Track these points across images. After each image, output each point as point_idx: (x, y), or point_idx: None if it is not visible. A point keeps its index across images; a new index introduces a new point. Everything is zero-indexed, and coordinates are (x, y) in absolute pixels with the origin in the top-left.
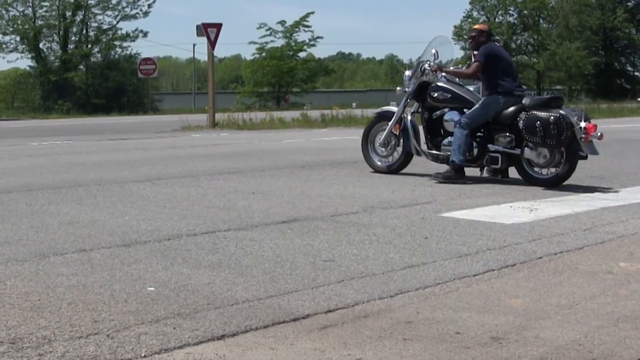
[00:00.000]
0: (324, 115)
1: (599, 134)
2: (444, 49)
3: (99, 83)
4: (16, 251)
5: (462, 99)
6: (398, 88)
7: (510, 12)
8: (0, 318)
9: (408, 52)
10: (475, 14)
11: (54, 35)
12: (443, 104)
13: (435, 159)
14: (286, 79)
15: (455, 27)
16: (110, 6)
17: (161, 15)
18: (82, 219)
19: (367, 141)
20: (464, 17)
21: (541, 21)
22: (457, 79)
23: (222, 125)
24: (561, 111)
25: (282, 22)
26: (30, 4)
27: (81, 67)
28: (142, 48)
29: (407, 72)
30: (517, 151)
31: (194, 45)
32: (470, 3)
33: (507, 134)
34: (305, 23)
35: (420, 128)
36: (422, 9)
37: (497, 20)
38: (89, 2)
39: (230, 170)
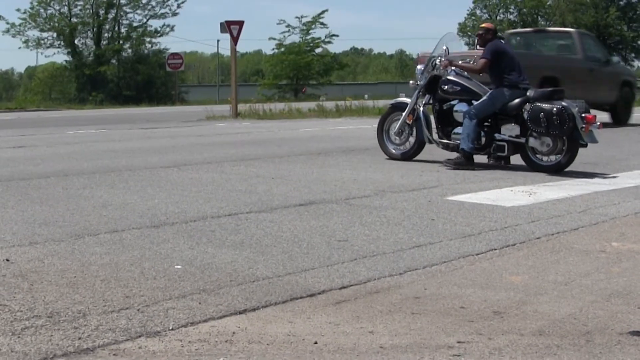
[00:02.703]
0: (338, 106)
1: (598, 123)
2: (453, 45)
3: (130, 76)
4: (53, 232)
5: (470, 92)
6: (411, 81)
7: (511, 10)
8: (39, 293)
9: (416, 47)
10: (478, 12)
11: (88, 32)
12: (453, 96)
13: (446, 147)
14: (303, 73)
15: (459, 24)
16: (140, 5)
17: (188, 13)
18: (114, 202)
19: (382, 130)
20: (467, 14)
21: (539, 19)
22: (465, 73)
23: (244, 115)
24: (563, 103)
25: (299, 18)
26: (66, 3)
27: (113, 61)
28: (170, 44)
29: (419, 67)
30: (522, 140)
31: (218, 41)
32: (473, 2)
33: (513, 124)
34: (321, 20)
35: (432, 118)
36: (429, 7)
37: (498, 18)
38: (121, 1)
39: (252, 157)
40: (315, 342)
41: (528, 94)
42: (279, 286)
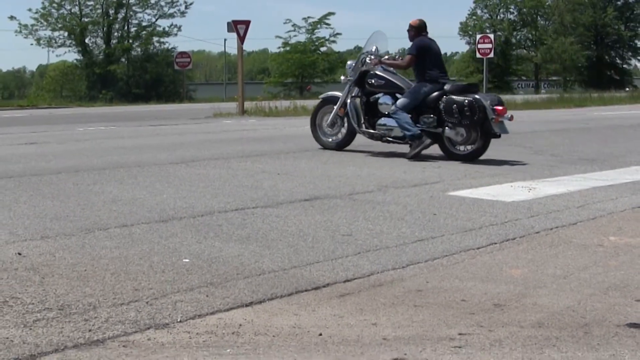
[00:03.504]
0: None
1: (510, 115)
2: (381, 44)
3: (139, 74)
4: (64, 226)
5: (394, 85)
6: (342, 77)
7: (511, 10)
8: (50, 286)
9: None
10: (479, 11)
11: (99, 31)
12: (378, 90)
13: (371, 136)
14: (308, 71)
15: (461, 23)
16: (149, 5)
17: (195, 12)
18: (124, 197)
19: (314, 122)
20: (469, 14)
21: (539, 18)
22: (391, 68)
23: (251, 112)
24: (476, 96)
25: (306, 19)
26: (77, 3)
27: (123, 60)
28: (178, 42)
29: (350, 62)
30: (439, 130)
31: (225, 40)
32: (474, 2)
33: (431, 115)
34: (326, 21)
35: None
36: (430, 7)
37: (499, 17)
38: (130, 1)
39: (258, 153)
40: (320, 334)
41: (445, 88)
42: (285, 279)
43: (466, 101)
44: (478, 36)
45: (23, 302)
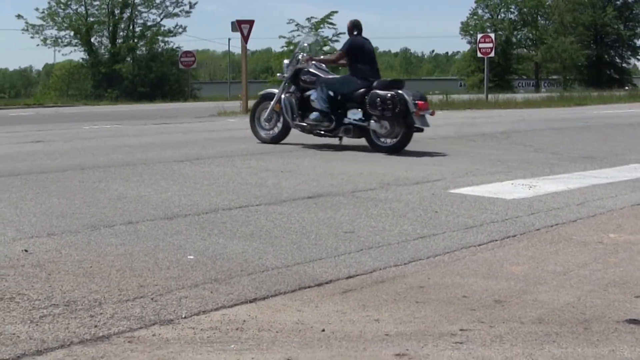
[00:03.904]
0: None
1: (431, 111)
2: (313, 43)
3: (144, 73)
4: (70, 223)
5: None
6: (278, 74)
7: (512, 9)
8: (56, 283)
9: (420, 45)
10: (480, 11)
11: (104, 30)
12: (311, 86)
13: (303, 129)
14: None
15: (462, 23)
16: (154, 4)
17: (200, 12)
18: (129, 195)
19: (254, 118)
20: (470, 14)
21: (539, 18)
22: (324, 65)
23: None
24: (399, 91)
25: (309, 19)
26: (83, 3)
27: (128, 59)
28: (182, 42)
29: (286, 61)
30: (366, 124)
31: (229, 39)
32: (475, 2)
33: (358, 109)
34: (330, 21)
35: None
36: (432, 7)
37: (499, 17)
38: (136, 0)
39: (261, 151)
40: (323, 330)
41: (374, 84)
42: (288, 276)
43: (389, 95)
44: (479, 36)
45: (29, 299)
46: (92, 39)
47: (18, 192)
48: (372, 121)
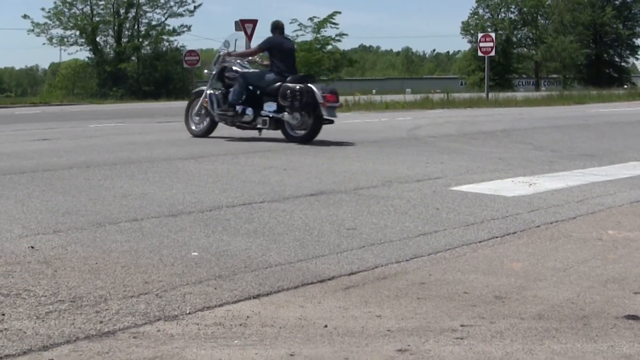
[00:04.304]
0: (347, 100)
1: (339, 102)
2: (239, 42)
3: (148, 72)
4: (76, 220)
5: None
6: (205, 71)
7: (512, 9)
8: (62, 279)
9: (421, 44)
10: (480, 11)
11: (109, 30)
12: (234, 82)
13: (225, 122)
14: (314, 69)
15: (462, 22)
16: (159, 4)
17: (204, 12)
18: (134, 192)
19: (188, 113)
20: (470, 14)
21: (539, 17)
22: (246, 63)
23: None
24: (308, 84)
25: (312, 18)
26: (89, 3)
27: (133, 58)
28: (186, 41)
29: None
30: (280, 115)
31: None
32: (476, 1)
33: (272, 102)
34: (332, 21)
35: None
36: (433, 7)
37: (500, 16)
38: (140, 0)
39: (265, 149)
40: (325, 326)
41: (287, 79)
42: (291, 272)
43: (297, 87)
44: (480, 35)
45: (36, 295)
46: (98, 38)
47: (24, 190)
48: (285, 113)
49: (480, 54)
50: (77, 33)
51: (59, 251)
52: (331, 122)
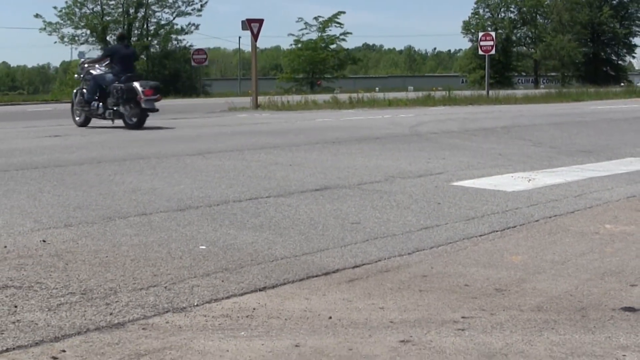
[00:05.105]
0: (351, 98)
1: (157, 96)
2: (90, 54)
3: (157, 70)
4: (86, 215)
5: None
6: (75, 75)
7: (512, 9)
8: (73, 272)
9: (423, 43)
10: (481, 11)
11: (119, 29)
12: (90, 83)
13: (87, 115)
14: (319, 67)
15: (463, 22)
16: (167, 4)
17: (211, 11)
18: (143, 187)
19: (72, 108)
20: (471, 13)
21: (538, 17)
22: (103, 67)
23: (264, 106)
24: (133, 82)
25: (317, 18)
26: (99, 2)
27: (142, 56)
28: (194, 40)
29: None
30: (118, 108)
31: (239, 37)
32: (476, 2)
33: (111, 98)
34: (337, 20)
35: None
36: (435, 6)
37: (500, 16)
38: (149, 0)
39: (271, 145)
40: (330, 317)
41: (122, 79)
42: (296, 265)
43: (120, 86)
44: (480, 34)
45: (47, 287)
46: (108, 37)
47: (36, 185)
48: (120, 106)
49: (480, 52)
50: (88, 32)
51: (70, 245)
52: (154, 110)
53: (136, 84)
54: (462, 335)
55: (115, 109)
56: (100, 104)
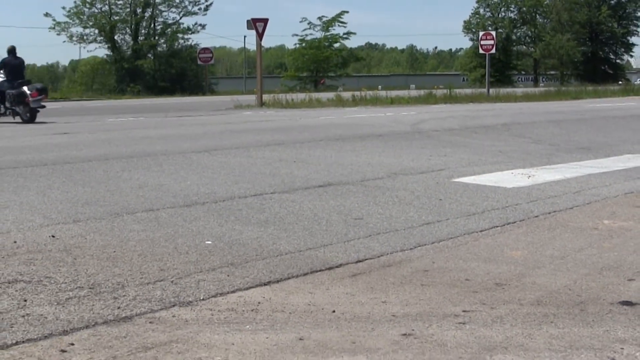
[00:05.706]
0: (354, 96)
1: (43, 96)
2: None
3: (164, 69)
4: (95, 211)
5: None
6: None
7: (512, 9)
8: (82, 267)
9: (425, 42)
10: (481, 10)
11: (127, 28)
12: None
13: None
14: (322, 66)
15: (464, 21)
16: (174, 4)
17: (217, 11)
18: (151, 184)
19: None
20: (472, 13)
21: (537, 16)
22: (1, 76)
23: (269, 104)
24: (23, 87)
25: (321, 17)
26: (107, 2)
27: (150, 55)
28: (200, 39)
29: None
30: (15, 108)
31: (244, 37)
32: (477, 2)
33: (9, 101)
34: (340, 20)
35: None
36: (436, 6)
37: (500, 15)
38: (156, 0)
39: (275, 142)
40: (333, 311)
41: (14, 85)
42: (300, 260)
43: (11, 91)
44: (480, 33)
45: (56, 282)
46: (116, 37)
47: (45, 181)
48: (15, 106)
49: (481, 51)
50: (96, 31)
51: (78, 240)
52: (42, 107)
53: (25, 89)
54: (463, 329)
55: (13, 108)
56: (2, 105)
